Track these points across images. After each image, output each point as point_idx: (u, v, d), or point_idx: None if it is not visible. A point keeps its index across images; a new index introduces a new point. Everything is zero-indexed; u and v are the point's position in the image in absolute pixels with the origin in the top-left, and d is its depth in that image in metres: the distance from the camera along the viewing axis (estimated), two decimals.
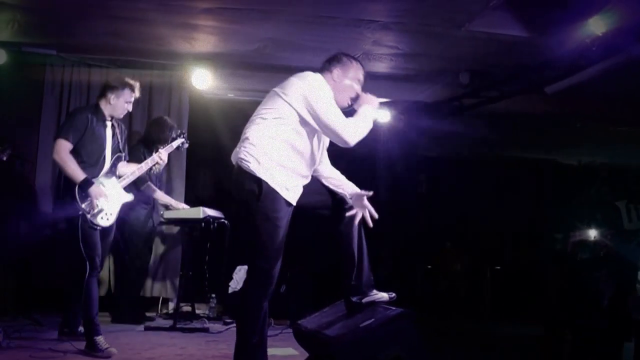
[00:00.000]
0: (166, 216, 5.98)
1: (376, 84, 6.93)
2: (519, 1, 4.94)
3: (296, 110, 3.29)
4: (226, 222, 6.23)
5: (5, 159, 4.92)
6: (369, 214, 3.53)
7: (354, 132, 3.35)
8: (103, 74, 6.33)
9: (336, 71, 3.52)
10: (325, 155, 3.67)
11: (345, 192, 3.63)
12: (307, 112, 3.29)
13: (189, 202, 6.29)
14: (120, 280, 6.06)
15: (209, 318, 6.14)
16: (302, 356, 3.97)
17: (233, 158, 3.40)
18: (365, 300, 3.57)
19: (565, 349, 5.10)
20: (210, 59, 6.47)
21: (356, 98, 3.54)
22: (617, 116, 7.83)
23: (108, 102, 4.60)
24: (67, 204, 4.40)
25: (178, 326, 5.61)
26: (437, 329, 6.13)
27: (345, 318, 3.57)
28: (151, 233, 6.17)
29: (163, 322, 5.97)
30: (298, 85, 3.34)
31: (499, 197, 9.84)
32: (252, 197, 3.22)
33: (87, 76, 6.55)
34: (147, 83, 6.58)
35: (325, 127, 3.32)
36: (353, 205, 3.57)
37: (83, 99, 6.46)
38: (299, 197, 3.37)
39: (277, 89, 3.38)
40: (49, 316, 5.49)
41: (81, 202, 4.35)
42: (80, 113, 4.62)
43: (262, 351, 3.28)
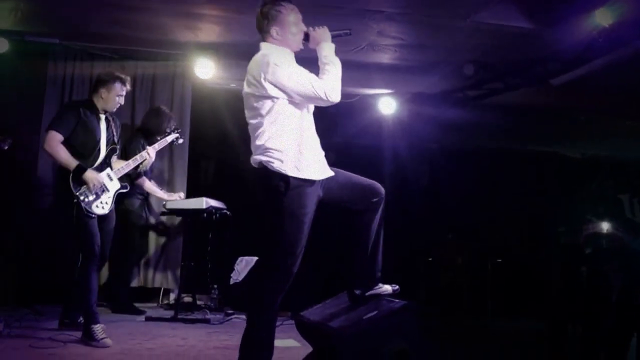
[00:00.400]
0: (168, 206, 5.94)
1: (381, 75, 6.95)
2: None
3: (272, 96, 3.19)
4: (228, 213, 6.21)
5: (6, 148, 4.90)
6: None
7: (331, 87, 3.22)
8: (106, 65, 6.30)
9: (274, 29, 3.38)
10: None
11: None
12: (280, 91, 3.19)
13: (191, 192, 6.27)
14: (114, 270, 6.04)
15: (211, 309, 6.11)
16: (304, 348, 3.96)
17: (253, 162, 3.31)
18: (369, 293, 3.54)
19: (572, 344, 5.08)
20: (213, 49, 6.44)
21: (307, 37, 3.41)
22: (622, 110, 7.81)
23: (100, 96, 4.68)
24: (63, 193, 4.43)
25: (179, 317, 5.60)
26: (438, 322, 6.11)
27: (348, 310, 3.54)
28: (146, 223, 6.18)
29: (164, 313, 5.96)
30: (254, 73, 3.23)
31: (502, 189, 9.80)
32: (279, 194, 3.18)
33: (90, 66, 6.53)
34: (151, 73, 6.63)
35: (301, 96, 3.22)
36: None
37: (85, 89, 6.42)
38: (328, 194, 3.34)
39: (246, 90, 3.29)
40: (50, 306, 5.48)
41: (76, 190, 4.39)
42: (71, 106, 4.76)
43: (270, 344, 3.26)
